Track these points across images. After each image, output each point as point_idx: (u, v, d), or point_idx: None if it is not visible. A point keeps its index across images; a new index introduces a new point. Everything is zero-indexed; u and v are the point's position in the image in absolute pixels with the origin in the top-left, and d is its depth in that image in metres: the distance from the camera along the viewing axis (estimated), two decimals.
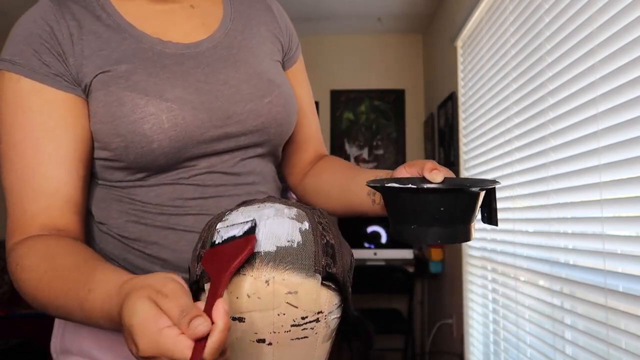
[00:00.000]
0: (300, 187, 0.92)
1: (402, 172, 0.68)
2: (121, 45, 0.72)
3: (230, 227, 0.57)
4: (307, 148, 0.93)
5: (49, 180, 0.68)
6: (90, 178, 0.75)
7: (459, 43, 2.64)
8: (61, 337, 0.76)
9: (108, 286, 0.53)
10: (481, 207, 0.63)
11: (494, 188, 0.62)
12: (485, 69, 2.16)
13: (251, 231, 0.54)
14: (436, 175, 0.62)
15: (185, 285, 0.48)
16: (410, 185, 0.60)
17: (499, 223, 0.64)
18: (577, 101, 1.31)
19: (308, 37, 3.55)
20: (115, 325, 0.52)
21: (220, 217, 0.59)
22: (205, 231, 0.59)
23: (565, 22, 1.37)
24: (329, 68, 3.80)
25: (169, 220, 0.73)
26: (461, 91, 2.63)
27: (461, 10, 2.53)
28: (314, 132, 0.93)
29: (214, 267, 0.52)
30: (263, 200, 0.61)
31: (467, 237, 0.61)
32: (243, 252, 0.52)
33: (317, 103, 0.98)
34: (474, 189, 0.59)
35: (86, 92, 0.70)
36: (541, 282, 1.58)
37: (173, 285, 0.47)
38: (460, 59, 2.66)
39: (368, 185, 0.64)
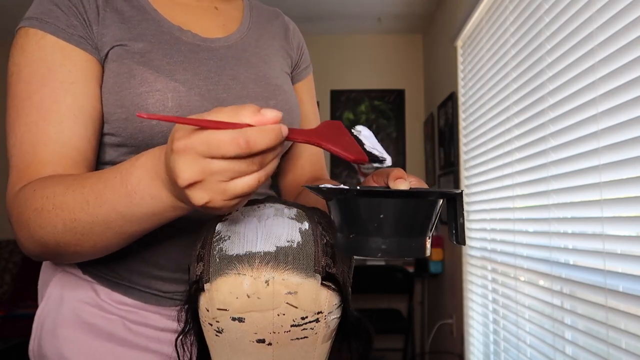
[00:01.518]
0: None
1: (371, 182, 0.63)
2: (141, 24, 0.74)
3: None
4: (304, 166, 0.92)
5: (65, 131, 0.66)
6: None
7: (459, 43, 2.64)
8: (38, 341, 0.75)
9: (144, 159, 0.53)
10: (448, 222, 0.57)
11: (460, 201, 0.54)
12: (485, 69, 2.16)
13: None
14: (400, 184, 0.56)
15: None
16: (342, 186, 0.53)
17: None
18: (577, 101, 1.31)
19: (308, 37, 3.55)
20: (163, 178, 0.50)
21: (220, 217, 0.59)
22: (205, 230, 0.59)
23: (565, 22, 1.37)
24: (329, 68, 3.80)
25: None
26: (461, 91, 2.63)
27: (461, 10, 2.52)
28: (313, 152, 0.93)
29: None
30: (263, 200, 0.61)
31: (419, 252, 0.52)
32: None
33: (317, 103, 1.00)
34: (422, 196, 0.49)
35: (102, 62, 0.72)
36: (541, 282, 1.58)
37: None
38: (460, 59, 2.66)
39: (304, 187, 0.58)
